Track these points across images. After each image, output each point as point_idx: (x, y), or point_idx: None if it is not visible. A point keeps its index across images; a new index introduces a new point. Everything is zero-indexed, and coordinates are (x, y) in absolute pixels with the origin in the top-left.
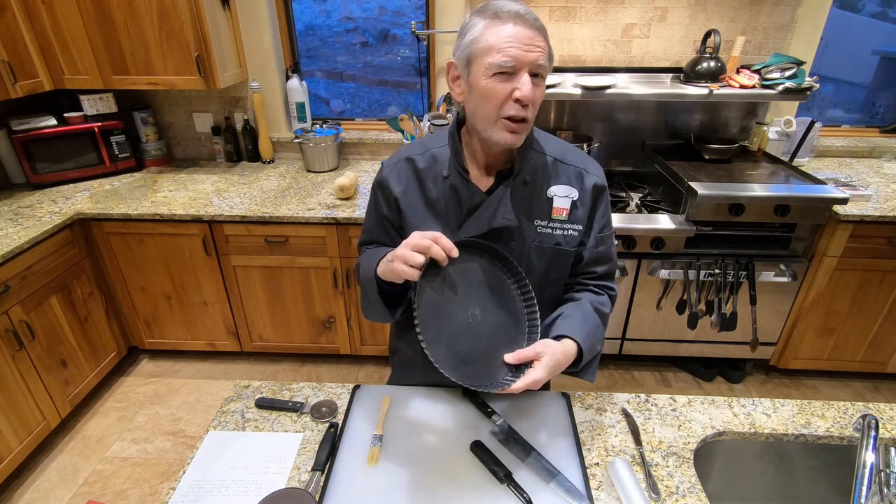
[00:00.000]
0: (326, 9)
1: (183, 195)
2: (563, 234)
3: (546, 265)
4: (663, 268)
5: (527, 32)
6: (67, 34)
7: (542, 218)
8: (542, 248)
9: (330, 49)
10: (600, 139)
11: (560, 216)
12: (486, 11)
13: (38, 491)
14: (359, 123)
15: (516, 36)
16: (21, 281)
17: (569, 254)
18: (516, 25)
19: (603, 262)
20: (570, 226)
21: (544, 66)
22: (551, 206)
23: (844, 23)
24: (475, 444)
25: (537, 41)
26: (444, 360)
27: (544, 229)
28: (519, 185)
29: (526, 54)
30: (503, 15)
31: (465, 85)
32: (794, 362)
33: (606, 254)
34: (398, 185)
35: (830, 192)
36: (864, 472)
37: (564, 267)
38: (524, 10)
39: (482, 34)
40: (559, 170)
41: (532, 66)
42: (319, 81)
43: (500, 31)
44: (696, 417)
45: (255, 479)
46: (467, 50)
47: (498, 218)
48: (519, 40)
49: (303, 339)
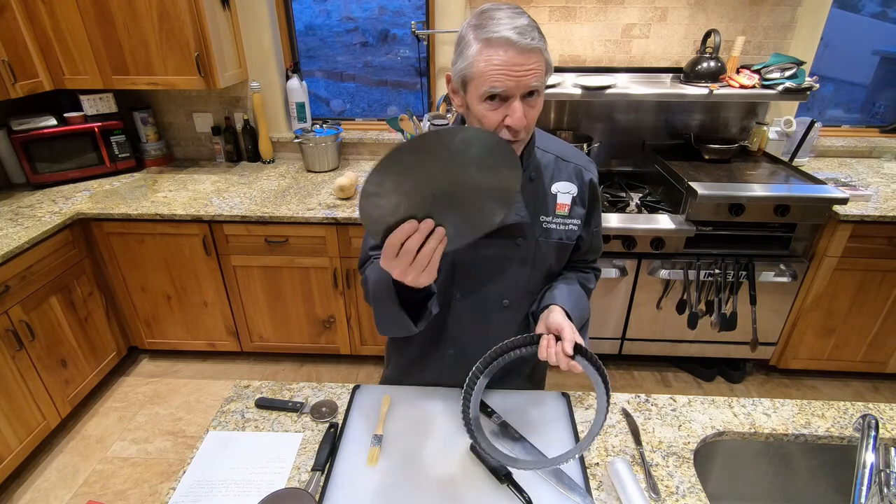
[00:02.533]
0: (326, 9)
1: (183, 195)
2: (565, 228)
3: (550, 260)
4: (663, 268)
5: (518, 59)
6: (67, 34)
7: (546, 213)
8: (548, 242)
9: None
10: (600, 139)
11: (563, 212)
12: (480, 30)
13: (38, 491)
14: (359, 123)
15: (507, 63)
16: (21, 281)
17: (569, 247)
18: (507, 52)
19: (596, 252)
20: (571, 221)
21: (539, 84)
22: (556, 202)
23: (844, 23)
24: (475, 444)
25: (529, 64)
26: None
27: (549, 224)
28: (525, 181)
29: (517, 81)
30: (495, 41)
31: (463, 100)
32: (794, 362)
33: (599, 244)
34: None
35: (830, 192)
36: (864, 472)
37: (564, 259)
38: (516, 35)
39: (475, 59)
40: (561, 167)
41: (525, 90)
42: (319, 81)
43: (491, 59)
44: (696, 417)
45: (255, 479)
46: (462, 73)
47: (511, 214)
48: (509, 68)
49: (303, 339)
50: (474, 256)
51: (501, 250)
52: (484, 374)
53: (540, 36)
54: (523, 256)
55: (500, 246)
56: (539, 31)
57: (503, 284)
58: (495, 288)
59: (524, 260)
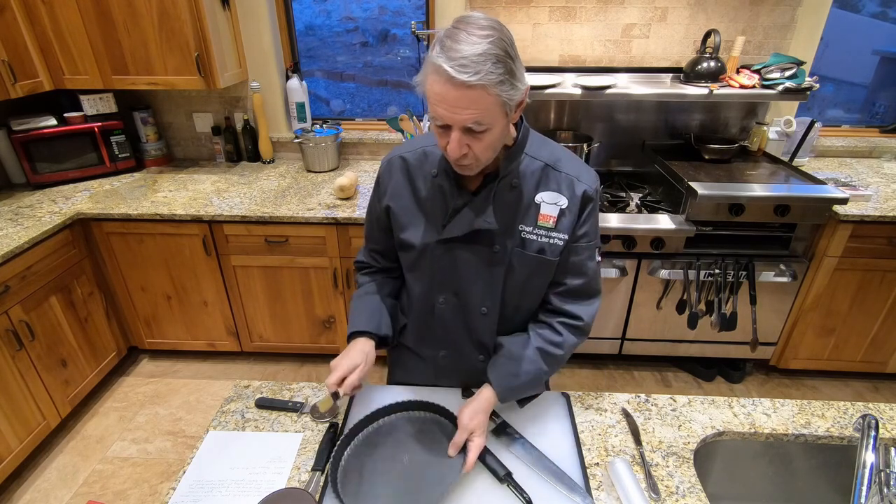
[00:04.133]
0: (326, 9)
1: (183, 195)
2: (548, 241)
3: (527, 272)
4: (663, 268)
5: (453, 94)
6: (67, 34)
7: (527, 223)
8: (525, 254)
9: (330, 49)
10: (600, 139)
11: (546, 223)
12: (435, 49)
13: (38, 491)
14: (359, 123)
15: (444, 97)
16: (21, 281)
17: (551, 263)
18: (444, 86)
19: (575, 274)
20: (556, 234)
21: (480, 123)
22: (538, 213)
23: (844, 23)
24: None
25: (466, 101)
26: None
27: (529, 235)
28: (505, 188)
29: (452, 116)
30: (434, 68)
31: None
32: (793, 362)
33: (580, 265)
34: (389, 181)
35: (830, 192)
36: (864, 472)
37: (545, 277)
38: (454, 70)
39: (425, 80)
40: (550, 176)
41: (461, 125)
42: (319, 81)
43: (433, 87)
44: (696, 417)
45: (255, 479)
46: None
47: (479, 221)
48: (446, 101)
49: (303, 339)
50: (451, 260)
51: (477, 255)
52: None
53: (492, 68)
54: (499, 264)
55: (476, 251)
56: (496, 62)
57: (481, 291)
58: (473, 294)
59: (500, 268)
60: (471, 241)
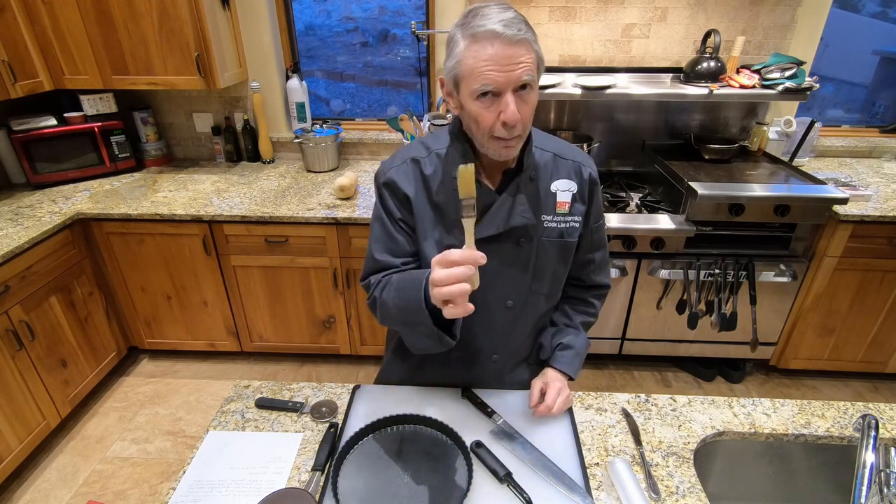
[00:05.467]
0: (326, 9)
1: (183, 195)
2: (566, 226)
3: (554, 258)
4: (663, 268)
5: (506, 52)
6: (67, 34)
7: (547, 212)
8: (550, 241)
9: (330, 49)
10: (600, 139)
11: (563, 210)
12: (466, 28)
13: (38, 491)
14: (359, 123)
15: (495, 58)
16: (21, 281)
17: (571, 245)
18: (494, 46)
19: (598, 248)
20: (571, 218)
21: (531, 78)
22: (556, 200)
23: (844, 23)
24: (475, 444)
25: (519, 57)
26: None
27: (550, 223)
28: (526, 181)
29: (507, 75)
30: (480, 35)
31: (458, 102)
32: (793, 362)
33: (601, 240)
34: (408, 185)
35: (830, 192)
36: (864, 472)
37: (568, 259)
38: (501, 28)
39: (463, 57)
40: (560, 165)
41: (516, 83)
42: (319, 81)
43: (479, 54)
44: (696, 417)
45: (255, 479)
46: (453, 72)
47: (516, 217)
48: (498, 62)
49: (303, 339)
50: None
51: (503, 252)
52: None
53: (528, 28)
54: (526, 257)
55: (502, 248)
56: (527, 24)
57: (506, 286)
58: (498, 289)
59: (527, 261)
60: (497, 238)
